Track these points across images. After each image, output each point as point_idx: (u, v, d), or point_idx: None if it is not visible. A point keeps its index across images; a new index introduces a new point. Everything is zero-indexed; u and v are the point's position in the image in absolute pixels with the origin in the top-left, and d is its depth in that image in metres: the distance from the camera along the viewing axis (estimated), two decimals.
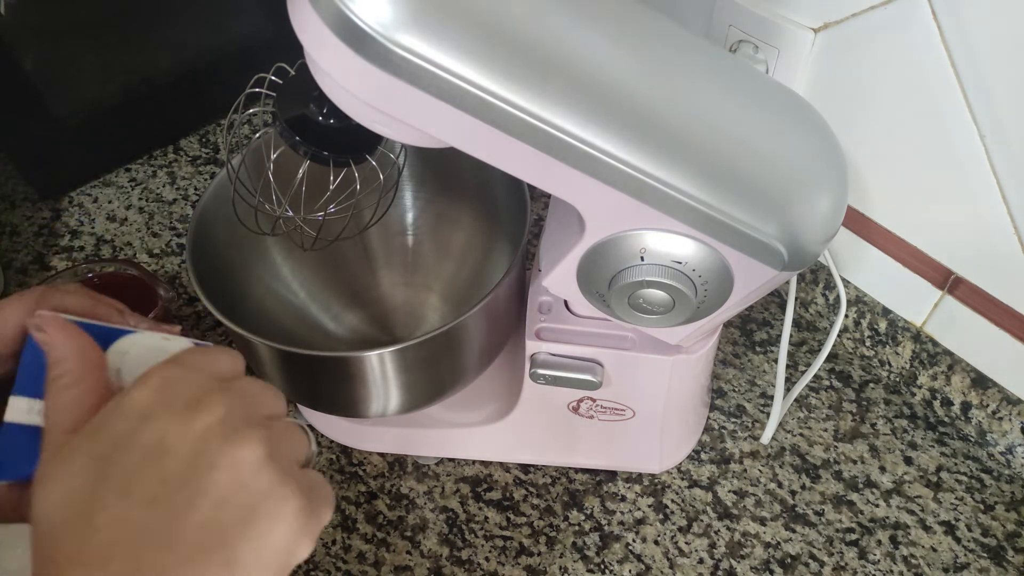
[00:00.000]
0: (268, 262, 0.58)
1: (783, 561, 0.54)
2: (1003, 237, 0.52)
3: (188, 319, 0.68)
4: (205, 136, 0.83)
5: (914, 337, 0.60)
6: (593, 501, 0.57)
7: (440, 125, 0.35)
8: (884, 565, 0.54)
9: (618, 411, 0.54)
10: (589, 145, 0.34)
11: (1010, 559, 0.54)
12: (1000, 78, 0.47)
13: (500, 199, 0.57)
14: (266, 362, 0.49)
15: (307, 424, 0.59)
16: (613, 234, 0.39)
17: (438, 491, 0.58)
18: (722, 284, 0.40)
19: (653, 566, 0.54)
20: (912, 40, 0.49)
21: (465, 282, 0.62)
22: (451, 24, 0.32)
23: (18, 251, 0.73)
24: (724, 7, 0.58)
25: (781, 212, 0.37)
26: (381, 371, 0.47)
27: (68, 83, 0.72)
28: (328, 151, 0.40)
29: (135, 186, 0.79)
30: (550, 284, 0.45)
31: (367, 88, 0.33)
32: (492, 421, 0.56)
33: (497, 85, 0.33)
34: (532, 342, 0.50)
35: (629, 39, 0.36)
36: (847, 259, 0.63)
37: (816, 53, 0.55)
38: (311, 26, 0.32)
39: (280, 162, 0.43)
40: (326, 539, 0.55)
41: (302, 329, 0.59)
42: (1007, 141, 0.48)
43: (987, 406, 0.58)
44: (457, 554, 0.55)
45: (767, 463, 0.59)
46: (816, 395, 0.63)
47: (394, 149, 0.53)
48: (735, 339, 0.66)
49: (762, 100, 0.38)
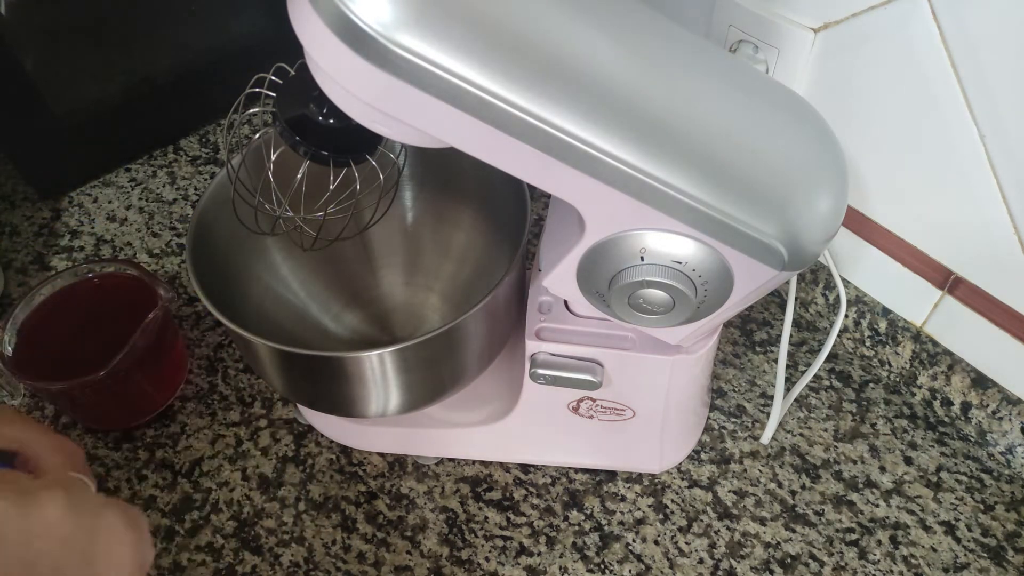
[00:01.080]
0: (268, 262, 0.58)
1: (783, 561, 0.54)
2: (1003, 237, 0.52)
3: (188, 319, 0.68)
4: (205, 136, 0.83)
5: (914, 337, 0.60)
6: (593, 501, 0.57)
7: (440, 125, 0.35)
8: (884, 565, 0.54)
9: (618, 411, 0.54)
10: (589, 145, 0.35)
11: (1010, 559, 0.54)
12: (1000, 78, 0.47)
13: (500, 199, 0.56)
14: (266, 362, 0.49)
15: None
16: (613, 234, 0.39)
17: (438, 491, 0.58)
18: (722, 284, 0.40)
19: (653, 566, 0.54)
20: (912, 40, 0.49)
21: (465, 282, 0.62)
22: (451, 24, 0.32)
23: (18, 251, 0.73)
24: (724, 7, 0.58)
25: (781, 212, 0.37)
26: (381, 371, 0.47)
27: (68, 83, 0.72)
28: (328, 151, 0.40)
29: (135, 186, 0.79)
30: (550, 284, 0.45)
31: (367, 88, 0.33)
32: (492, 421, 0.56)
33: (497, 85, 0.33)
34: (532, 342, 0.50)
35: (629, 39, 0.36)
36: (847, 259, 0.63)
37: (816, 53, 0.55)
38: (311, 26, 0.32)
39: (280, 162, 0.43)
40: (326, 539, 0.55)
41: (302, 329, 0.59)
42: (1007, 141, 0.48)
43: (987, 406, 0.58)
44: (457, 554, 0.55)
45: (767, 463, 0.59)
46: (816, 395, 0.63)
47: (394, 149, 0.53)
48: (735, 339, 0.66)
49: (762, 100, 0.38)
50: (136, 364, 0.56)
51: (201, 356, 0.65)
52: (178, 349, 0.63)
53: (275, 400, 0.63)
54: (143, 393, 0.60)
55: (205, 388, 0.63)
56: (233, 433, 0.61)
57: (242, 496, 0.57)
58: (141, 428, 0.61)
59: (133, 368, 0.56)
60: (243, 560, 0.54)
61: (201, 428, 0.61)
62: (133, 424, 0.61)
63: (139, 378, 0.58)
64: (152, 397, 0.61)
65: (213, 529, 0.56)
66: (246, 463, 0.59)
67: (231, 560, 0.54)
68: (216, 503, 0.57)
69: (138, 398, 0.60)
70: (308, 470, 0.59)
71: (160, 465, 0.59)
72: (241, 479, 0.58)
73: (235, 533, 0.56)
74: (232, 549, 0.55)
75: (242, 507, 0.57)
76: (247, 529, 0.56)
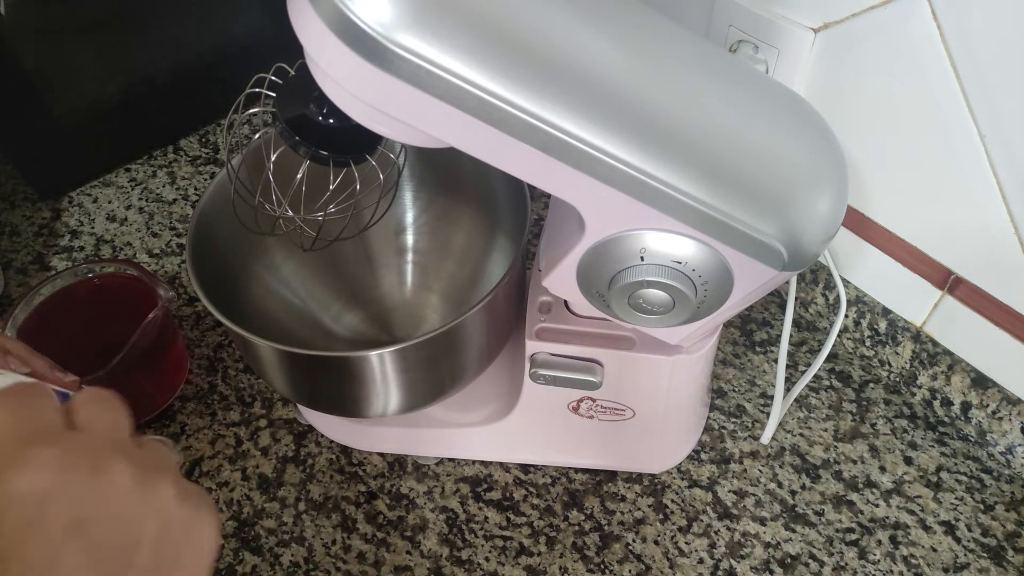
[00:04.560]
0: (268, 262, 0.58)
1: (783, 561, 0.54)
2: (1003, 237, 0.52)
3: (188, 319, 0.68)
4: (205, 136, 0.83)
5: (914, 337, 0.60)
6: (593, 501, 0.57)
7: (440, 125, 0.35)
8: (884, 565, 0.54)
9: (618, 411, 0.54)
10: (589, 145, 0.34)
11: (1010, 559, 0.54)
12: (1000, 78, 0.47)
13: (500, 199, 0.57)
14: (266, 362, 0.49)
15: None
16: (613, 234, 0.39)
17: (438, 491, 0.58)
18: (722, 284, 0.40)
19: (653, 566, 0.54)
20: (912, 40, 0.49)
21: (465, 282, 0.62)
22: (451, 24, 0.32)
23: (18, 251, 0.73)
24: (724, 7, 0.58)
25: (781, 212, 0.37)
26: (381, 371, 0.47)
27: (68, 83, 0.72)
28: (328, 151, 0.40)
29: (135, 186, 0.79)
30: (550, 284, 0.45)
31: (367, 88, 0.33)
32: (492, 421, 0.56)
33: (497, 85, 0.33)
34: (532, 342, 0.50)
35: (629, 39, 0.36)
36: (847, 259, 0.63)
37: (816, 53, 0.55)
38: (311, 26, 0.32)
39: (280, 162, 0.43)
40: (326, 539, 0.55)
41: (302, 329, 0.59)
42: (1007, 141, 0.48)
43: (987, 406, 0.58)
44: (457, 554, 0.55)
45: (767, 463, 0.59)
46: (816, 395, 0.63)
47: (394, 149, 0.53)
48: (735, 339, 0.66)
49: (762, 100, 0.38)
50: (136, 364, 0.56)
51: (201, 356, 0.65)
52: (178, 349, 0.63)
53: (275, 400, 0.63)
54: (143, 393, 0.60)
55: (205, 388, 0.63)
56: (233, 433, 0.61)
57: (242, 496, 0.57)
58: (141, 428, 0.61)
59: (133, 368, 0.56)
60: (243, 560, 0.54)
61: (201, 428, 0.61)
62: (133, 424, 0.61)
63: (139, 378, 0.58)
64: (152, 397, 0.61)
65: None
66: (246, 463, 0.59)
67: (231, 560, 0.54)
68: (216, 503, 0.57)
69: (138, 398, 0.60)
70: (308, 470, 0.59)
71: None
72: (241, 479, 0.58)
73: (235, 533, 0.56)
74: (232, 549, 0.55)
75: (242, 507, 0.57)
76: (247, 529, 0.56)
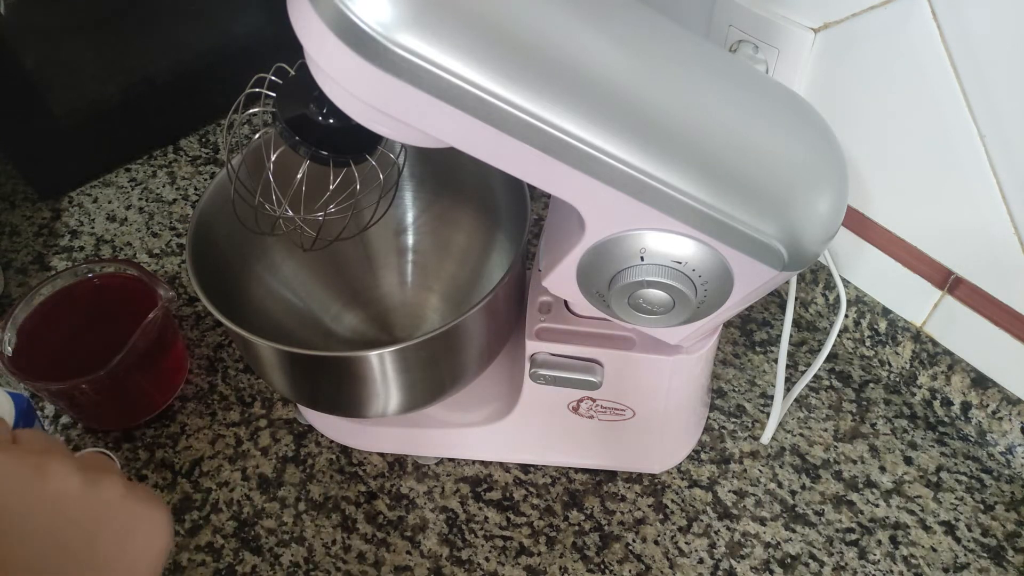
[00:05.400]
0: (268, 262, 0.58)
1: (783, 561, 0.54)
2: (1003, 237, 0.52)
3: (188, 319, 0.68)
4: (205, 136, 0.83)
5: (914, 337, 0.60)
6: (593, 501, 0.57)
7: (440, 125, 0.35)
8: (884, 565, 0.54)
9: (618, 411, 0.54)
10: (589, 145, 0.34)
11: (1010, 559, 0.54)
12: (1000, 78, 0.47)
13: (500, 199, 0.57)
14: (266, 362, 0.49)
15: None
16: (613, 234, 0.39)
17: (438, 491, 0.58)
18: (722, 284, 0.40)
19: (653, 566, 0.54)
20: (912, 40, 0.49)
21: (465, 282, 0.62)
22: (451, 24, 0.32)
23: (18, 251, 0.73)
24: (724, 7, 0.58)
25: (781, 212, 0.37)
26: (381, 371, 0.47)
27: (68, 83, 0.72)
28: (328, 151, 0.40)
29: (135, 186, 0.79)
30: (550, 284, 0.45)
31: (367, 88, 0.33)
32: (492, 421, 0.56)
33: (497, 85, 0.33)
34: (532, 342, 0.50)
35: (629, 39, 0.36)
36: (847, 259, 0.63)
37: (816, 53, 0.55)
38: (311, 26, 0.32)
39: (280, 162, 0.43)
40: (326, 539, 0.55)
41: (302, 329, 0.59)
42: (1007, 141, 0.48)
43: (987, 406, 0.58)
44: (457, 554, 0.55)
45: (767, 463, 0.59)
46: (816, 395, 0.63)
47: (394, 149, 0.53)
48: (735, 339, 0.66)
49: (762, 100, 0.38)
50: (136, 364, 0.56)
51: (201, 356, 0.65)
52: (178, 349, 0.63)
53: (275, 400, 0.63)
54: (143, 393, 0.60)
55: (205, 388, 0.63)
56: (233, 433, 0.61)
57: (242, 496, 0.57)
58: (141, 428, 0.61)
59: (133, 368, 0.56)
60: (243, 560, 0.54)
61: (201, 428, 0.61)
62: (133, 424, 0.61)
63: (139, 378, 0.58)
64: (152, 397, 0.61)
65: (213, 529, 0.56)
66: (246, 463, 0.59)
67: (231, 560, 0.54)
68: (216, 503, 0.57)
69: (138, 398, 0.60)
70: (308, 470, 0.59)
71: (160, 465, 0.59)
72: (241, 479, 0.58)
73: (235, 533, 0.56)
74: (232, 549, 0.55)
75: (242, 507, 0.57)
76: (247, 529, 0.56)
